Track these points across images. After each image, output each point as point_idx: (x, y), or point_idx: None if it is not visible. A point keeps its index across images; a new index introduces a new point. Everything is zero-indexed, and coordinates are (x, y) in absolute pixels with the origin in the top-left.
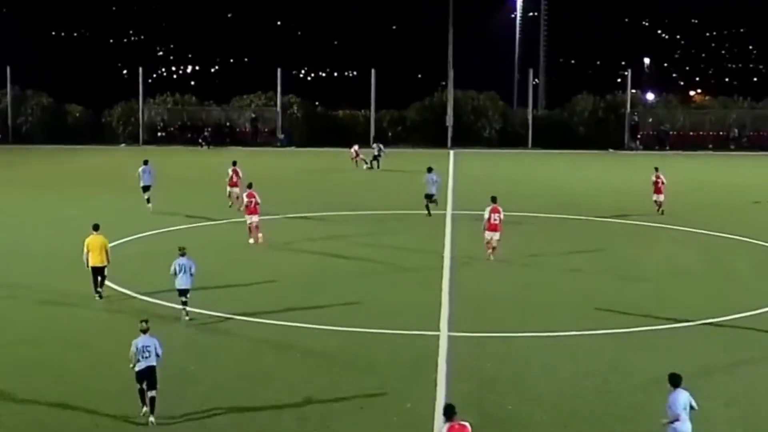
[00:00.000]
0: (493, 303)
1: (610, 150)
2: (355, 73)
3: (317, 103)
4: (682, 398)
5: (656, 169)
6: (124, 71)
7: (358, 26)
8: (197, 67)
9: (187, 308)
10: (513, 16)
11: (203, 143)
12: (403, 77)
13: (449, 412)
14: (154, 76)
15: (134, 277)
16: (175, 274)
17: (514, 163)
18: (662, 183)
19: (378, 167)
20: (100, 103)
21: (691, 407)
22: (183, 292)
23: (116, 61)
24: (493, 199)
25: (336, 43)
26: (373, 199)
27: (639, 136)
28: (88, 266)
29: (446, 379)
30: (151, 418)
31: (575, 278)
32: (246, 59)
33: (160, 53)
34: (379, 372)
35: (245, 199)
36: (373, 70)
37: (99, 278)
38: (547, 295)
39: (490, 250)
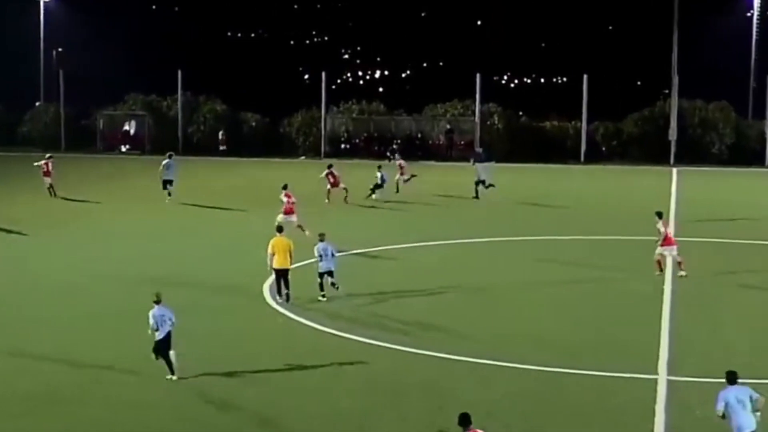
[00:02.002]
0: (722, 342)
1: None
2: (564, 79)
3: (521, 113)
4: (731, 394)
5: None
6: (306, 76)
7: (569, 26)
8: (386, 72)
9: (336, 285)
10: (749, 15)
11: (391, 157)
12: (620, 84)
13: (465, 422)
14: (339, 81)
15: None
16: (321, 258)
17: (749, 183)
18: None
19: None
20: (278, 111)
21: (752, 400)
22: (329, 274)
23: (297, 64)
24: (659, 215)
25: (543, 45)
26: (584, 222)
27: None
28: (270, 268)
29: (665, 431)
30: (174, 377)
31: None
32: (441, 63)
33: (346, 56)
34: (583, 422)
35: (284, 199)
36: (585, 76)
37: (283, 281)
38: None
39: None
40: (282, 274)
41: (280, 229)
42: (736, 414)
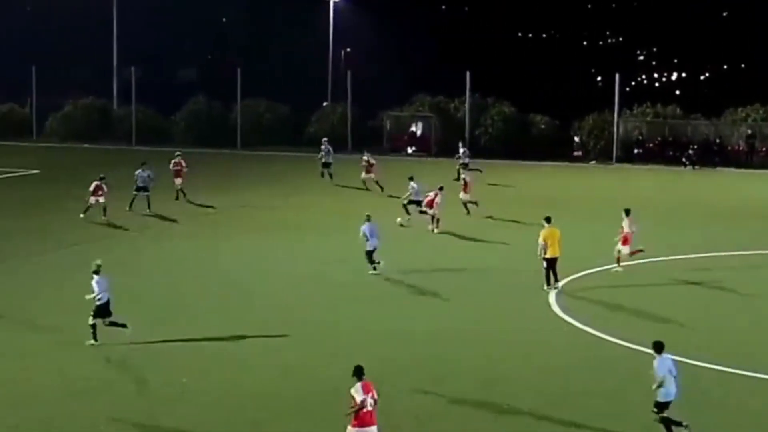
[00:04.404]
0: None
1: None
2: None
3: None
4: (666, 364)
5: None
6: (598, 78)
7: None
8: (683, 74)
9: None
10: None
11: (687, 163)
12: None
13: (359, 373)
14: (633, 83)
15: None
16: (366, 238)
17: None
18: None
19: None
20: (568, 114)
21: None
22: (369, 253)
23: (589, 65)
24: (627, 212)
25: None
26: None
27: None
28: (542, 257)
29: None
30: (129, 328)
31: None
32: (743, 65)
33: (641, 57)
34: None
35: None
36: None
37: (552, 269)
38: None
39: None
40: (554, 264)
41: (548, 219)
42: (668, 383)
